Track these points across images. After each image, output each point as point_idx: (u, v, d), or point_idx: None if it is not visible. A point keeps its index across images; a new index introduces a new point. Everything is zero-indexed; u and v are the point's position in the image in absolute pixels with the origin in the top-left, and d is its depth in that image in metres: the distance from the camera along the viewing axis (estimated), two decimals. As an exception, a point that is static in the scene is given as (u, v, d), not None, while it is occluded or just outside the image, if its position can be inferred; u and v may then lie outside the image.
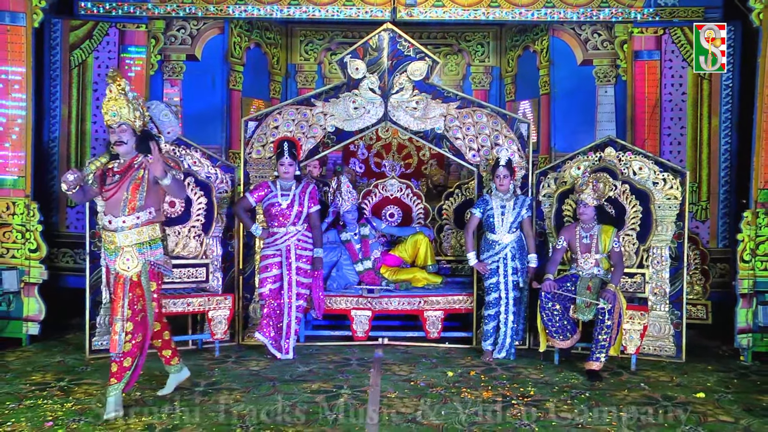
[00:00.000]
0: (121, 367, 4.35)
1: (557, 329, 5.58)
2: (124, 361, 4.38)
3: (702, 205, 7.36)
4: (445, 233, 7.25)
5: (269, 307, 5.79)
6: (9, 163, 6.27)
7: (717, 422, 4.33)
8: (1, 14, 6.22)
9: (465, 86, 9.13)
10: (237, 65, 8.15)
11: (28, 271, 6.19)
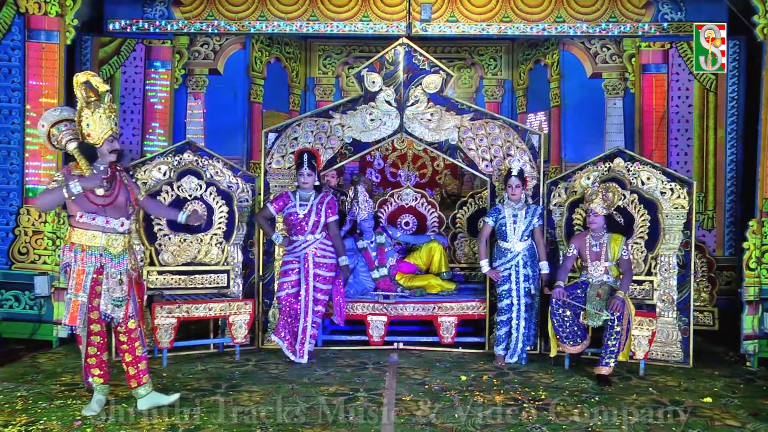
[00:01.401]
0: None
1: (568, 335, 5.63)
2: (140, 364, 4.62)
3: (708, 215, 7.43)
4: (459, 241, 7.32)
5: (286, 311, 5.87)
6: (41, 174, 6.43)
7: (724, 426, 4.35)
8: (37, 33, 6.40)
9: (478, 99, 9.18)
10: (258, 79, 8.27)
11: (58, 277, 6.27)
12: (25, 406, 4.60)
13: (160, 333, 5.74)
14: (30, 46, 6.43)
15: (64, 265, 4.45)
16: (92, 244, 4.40)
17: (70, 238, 4.42)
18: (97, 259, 4.41)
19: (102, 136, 4.38)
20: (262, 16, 7.64)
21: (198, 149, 6.34)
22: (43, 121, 4.49)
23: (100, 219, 4.41)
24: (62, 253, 4.48)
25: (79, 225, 4.40)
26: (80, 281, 4.37)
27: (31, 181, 6.46)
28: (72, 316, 4.36)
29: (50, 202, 4.36)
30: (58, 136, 4.45)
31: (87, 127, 4.36)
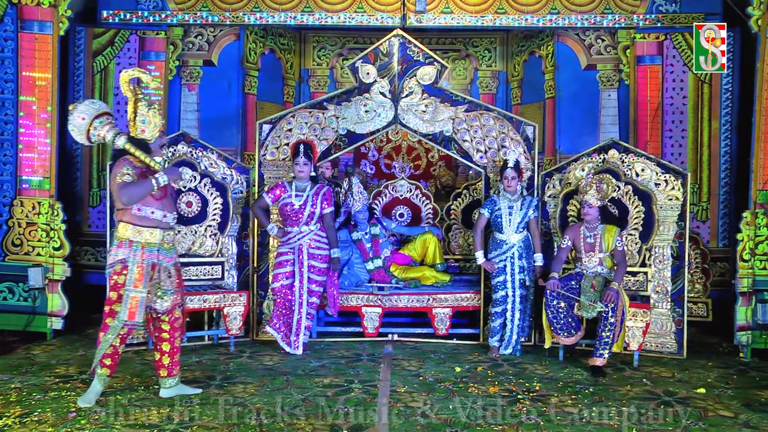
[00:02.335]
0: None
1: (562, 326, 5.65)
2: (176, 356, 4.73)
3: (703, 206, 7.46)
4: (453, 233, 7.34)
5: (281, 302, 5.88)
6: (35, 165, 6.42)
7: (717, 417, 4.37)
8: (30, 23, 6.38)
9: (472, 90, 9.17)
10: (252, 70, 8.26)
11: (52, 269, 6.30)
12: (19, 398, 4.60)
13: (155, 325, 5.73)
14: (23, 37, 6.39)
15: (119, 261, 4.43)
16: (151, 240, 4.47)
17: (126, 234, 4.43)
18: (155, 255, 4.49)
19: (155, 132, 4.48)
20: (257, 7, 7.61)
21: (192, 140, 6.34)
22: (83, 114, 4.42)
23: (158, 213, 4.49)
24: (116, 249, 4.45)
25: (136, 221, 4.44)
26: (140, 277, 4.42)
27: (24, 172, 6.44)
28: (131, 311, 4.40)
29: (140, 194, 4.38)
30: (99, 129, 4.44)
31: (142, 123, 4.43)
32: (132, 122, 4.47)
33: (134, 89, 4.46)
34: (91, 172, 7.65)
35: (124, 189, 4.34)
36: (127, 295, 4.40)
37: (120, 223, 4.48)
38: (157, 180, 4.38)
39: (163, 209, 4.51)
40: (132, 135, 4.48)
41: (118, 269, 4.43)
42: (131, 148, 4.43)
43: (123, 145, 4.43)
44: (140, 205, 4.41)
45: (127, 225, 4.44)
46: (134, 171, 4.39)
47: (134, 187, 4.35)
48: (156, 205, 4.47)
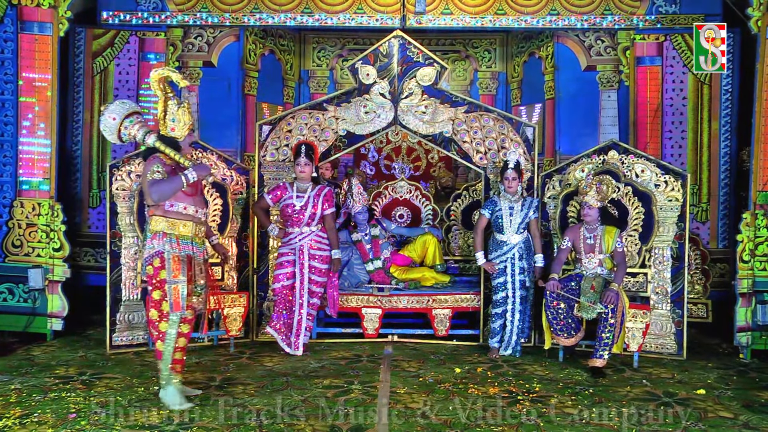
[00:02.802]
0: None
1: (562, 327, 5.66)
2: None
3: (702, 207, 7.46)
4: (453, 234, 7.35)
5: (281, 302, 5.89)
6: (35, 166, 6.42)
7: (717, 418, 4.39)
8: (30, 24, 6.38)
9: (472, 91, 9.17)
10: (252, 71, 8.26)
11: (52, 270, 6.31)
12: (19, 399, 4.61)
13: (155, 326, 5.74)
14: (23, 38, 6.40)
15: (156, 254, 4.46)
16: (184, 233, 4.52)
17: (159, 227, 4.48)
18: (189, 247, 4.54)
19: (185, 130, 4.53)
20: (256, 8, 7.62)
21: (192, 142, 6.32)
22: (114, 114, 4.46)
23: (191, 209, 4.55)
24: (150, 241, 4.49)
25: (170, 215, 4.49)
26: (178, 267, 4.46)
27: (24, 173, 6.44)
28: (175, 302, 4.44)
29: (170, 191, 4.42)
30: (130, 129, 4.48)
31: (172, 122, 4.49)
32: (162, 121, 4.52)
33: (164, 88, 4.49)
34: (91, 173, 7.65)
35: (155, 186, 4.38)
36: (168, 286, 4.43)
37: (153, 216, 4.52)
38: (186, 177, 4.42)
39: (195, 205, 4.57)
40: (162, 133, 4.52)
41: (156, 264, 4.46)
42: (161, 146, 4.46)
43: (153, 143, 4.47)
44: (172, 201, 4.47)
45: (160, 218, 4.49)
46: (164, 168, 4.43)
47: (164, 184, 4.39)
48: (188, 201, 4.53)
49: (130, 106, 4.58)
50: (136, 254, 5.99)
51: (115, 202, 5.97)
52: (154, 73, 4.51)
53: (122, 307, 5.98)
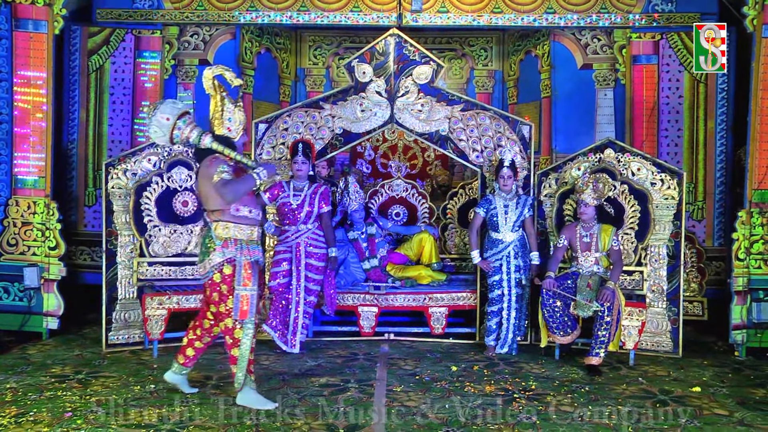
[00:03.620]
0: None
1: (558, 325, 5.66)
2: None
3: (698, 205, 7.49)
4: (450, 232, 7.33)
5: (278, 300, 5.88)
6: (30, 165, 6.39)
7: (712, 415, 4.41)
8: (24, 22, 6.34)
9: (469, 89, 9.19)
10: (248, 69, 8.26)
11: (48, 268, 6.29)
12: (14, 398, 4.60)
13: (151, 324, 5.75)
14: (17, 36, 6.37)
15: (228, 261, 4.39)
16: (252, 238, 4.49)
17: (230, 233, 4.41)
18: (257, 253, 4.52)
19: (240, 129, 4.48)
20: (252, 6, 7.61)
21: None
22: (167, 114, 4.33)
23: (254, 211, 4.52)
24: (220, 249, 4.39)
25: (237, 220, 4.43)
26: (249, 275, 4.40)
27: (19, 172, 6.42)
28: (242, 310, 4.37)
29: (244, 191, 4.39)
30: (183, 129, 4.37)
31: (228, 121, 4.43)
32: (218, 120, 4.44)
33: (217, 87, 4.43)
34: (87, 171, 7.64)
35: (229, 186, 4.30)
36: (237, 294, 4.37)
37: (218, 223, 4.41)
38: (258, 175, 4.37)
39: (255, 207, 4.55)
40: (216, 133, 4.45)
41: (227, 271, 4.38)
42: (219, 147, 4.39)
43: (210, 144, 4.39)
44: (238, 205, 4.39)
45: (228, 224, 4.41)
46: (229, 168, 4.37)
47: (238, 184, 4.33)
48: (251, 203, 4.50)
49: (182, 106, 4.48)
50: (132, 252, 5.98)
51: (111, 201, 5.94)
52: (208, 71, 4.46)
53: (118, 305, 5.96)
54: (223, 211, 4.39)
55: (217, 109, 4.44)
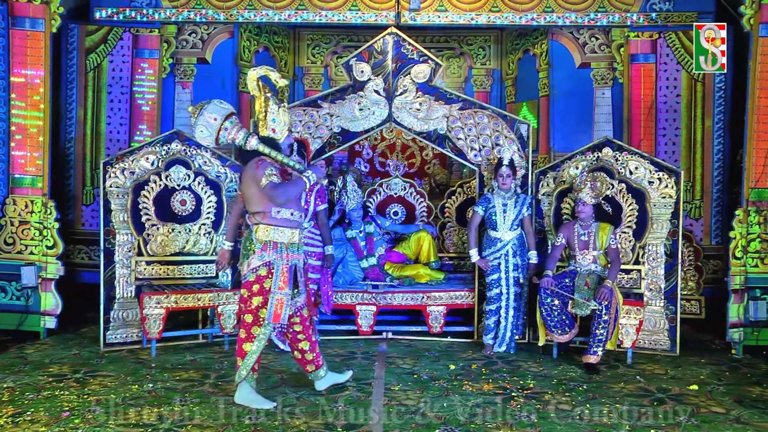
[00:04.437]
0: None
1: (556, 324, 5.66)
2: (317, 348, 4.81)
3: (696, 204, 7.51)
4: (448, 231, 7.34)
5: (276, 300, 5.91)
6: (27, 163, 6.37)
7: (709, 413, 4.41)
8: (21, 20, 6.31)
9: (467, 88, 9.20)
10: (246, 68, 8.22)
11: (46, 267, 6.27)
12: (12, 398, 4.59)
13: (149, 323, 5.73)
14: (14, 34, 6.34)
15: (265, 264, 4.40)
16: (293, 240, 4.48)
17: (270, 236, 4.41)
18: (296, 256, 4.52)
19: (285, 131, 4.47)
20: (251, 5, 7.61)
21: (186, 139, 6.32)
22: (214, 115, 4.31)
23: (296, 214, 4.51)
24: (260, 252, 4.41)
25: (278, 222, 4.43)
26: (285, 279, 4.42)
27: (16, 170, 6.39)
28: (276, 314, 4.39)
29: (296, 194, 4.42)
30: (230, 130, 4.35)
31: (273, 122, 4.41)
32: (262, 121, 4.44)
33: (262, 88, 4.42)
34: (85, 170, 7.64)
35: (279, 189, 4.31)
36: (272, 297, 4.38)
37: (259, 225, 4.42)
38: (308, 178, 4.37)
39: (298, 209, 4.54)
40: (261, 135, 4.44)
41: (263, 273, 4.40)
42: (264, 148, 4.38)
43: (256, 146, 4.37)
44: (279, 208, 4.39)
45: (269, 227, 4.41)
46: (276, 171, 4.37)
47: (289, 186, 4.35)
48: (294, 206, 4.49)
49: (229, 107, 4.43)
50: (130, 251, 5.98)
51: (108, 200, 5.95)
52: (252, 72, 4.45)
53: (116, 304, 5.96)
54: (265, 214, 4.41)
55: (261, 110, 4.43)
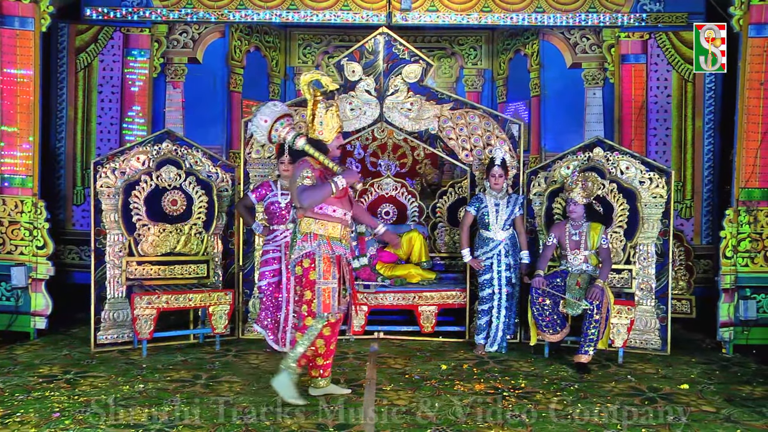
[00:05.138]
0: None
1: (547, 323, 5.68)
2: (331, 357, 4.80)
3: (686, 204, 7.54)
4: (439, 231, 7.35)
5: (267, 300, 5.86)
6: (17, 163, 6.33)
7: (700, 412, 4.43)
8: (10, 19, 6.27)
9: (458, 88, 9.21)
10: (237, 68, 8.26)
11: (36, 268, 6.24)
12: (1, 399, 4.57)
13: (140, 323, 5.71)
14: (3, 33, 6.29)
15: (307, 254, 4.48)
16: (333, 234, 4.52)
17: (310, 228, 4.48)
18: (340, 248, 4.55)
19: (333, 133, 4.52)
20: (242, 4, 7.59)
21: (177, 138, 6.31)
22: (266, 117, 4.53)
23: (339, 211, 4.54)
24: (301, 242, 4.50)
25: (321, 217, 4.49)
26: (328, 269, 4.48)
27: (6, 170, 6.36)
28: (324, 303, 4.47)
29: (321, 198, 4.42)
30: (280, 131, 4.53)
31: (320, 125, 4.48)
32: (311, 124, 4.52)
33: (313, 91, 4.50)
34: (75, 170, 7.61)
35: (305, 193, 4.39)
36: (318, 288, 4.46)
37: (303, 218, 4.54)
38: (336, 184, 4.40)
39: (343, 207, 4.56)
40: (310, 136, 4.52)
41: (306, 264, 4.49)
42: (310, 149, 4.47)
43: (302, 146, 4.49)
44: (322, 204, 4.47)
45: (311, 220, 4.50)
46: (313, 173, 4.44)
47: (314, 191, 4.39)
48: (337, 204, 4.53)
49: (282, 109, 4.63)
50: (121, 252, 5.96)
51: (99, 200, 5.93)
52: (304, 76, 4.55)
53: (107, 305, 5.95)
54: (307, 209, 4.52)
55: (310, 113, 4.53)
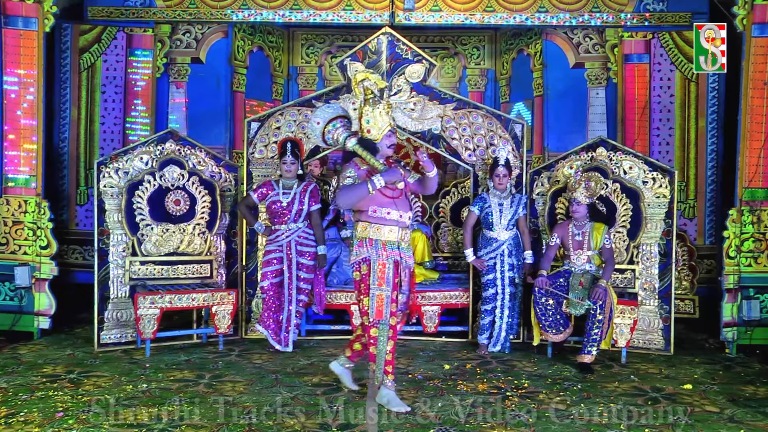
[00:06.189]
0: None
1: (550, 323, 5.68)
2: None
3: (690, 204, 7.53)
4: (442, 230, 7.35)
5: (270, 300, 5.88)
6: (21, 163, 6.34)
7: (703, 413, 4.43)
8: (14, 19, 6.28)
9: (461, 88, 9.19)
10: (240, 68, 8.25)
11: (39, 267, 6.25)
12: (5, 398, 4.57)
13: (143, 323, 5.72)
14: (7, 33, 6.31)
15: (363, 260, 4.44)
16: (390, 238, 4.46)
17: (365, 233, 4.44)
18: (396, 253, 4.48)
19: (381, 132, 4.48)
20: (245, 4, 7.60)
21: (180, 138, 6.32)
22: (318, 119, 4.60)
23: (394, 213, 4.48)
24: (357, 248, 4.46)
25: (374, 220, 4.45)
26: (383, 275, 4.42)
27: (10, 170, 6.37)
28: (378, 310, 4.40)
29: (356, 198, 4.39)
30: (333, 132, 4.54)
31: (367, 124, 4.46)
32: (358, 122, 4.53)
33: (364, 90, 4.49)
34: (79, 170, 7.61)
35: (341, 192, 4.42)
36: (372, 294, 4.41)
37: (358, 222, 4.50)
38: (372, 183, 4.34)
39: (398, 209, 4.49)
40: (360, 136, 4.53)
41: (364, 270, 4.45)
42: (359, 149, 4.46)
43: (352, 147, 4.48)
44: (375, 207, 4.43)
45: (366, 224, 4.46)
46: (357, 173, 4.45)
47: (349, 191, 4.38)
48: (391, 206, 4.47)
49: (335, 111, 4.65)
50: (124, 251, 5.97)
51: (102, 200, 5.94)
52: (357, 75, 4.57)
53: (110, 304, 5.96)
54: (362, 211, 4.48)
55: (358, 112, 4.54)
